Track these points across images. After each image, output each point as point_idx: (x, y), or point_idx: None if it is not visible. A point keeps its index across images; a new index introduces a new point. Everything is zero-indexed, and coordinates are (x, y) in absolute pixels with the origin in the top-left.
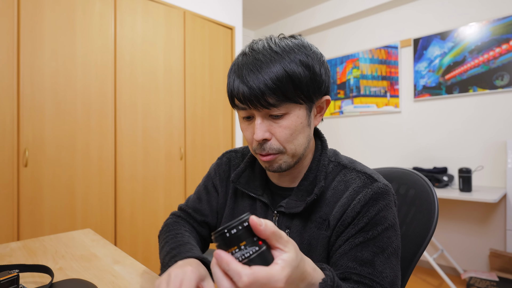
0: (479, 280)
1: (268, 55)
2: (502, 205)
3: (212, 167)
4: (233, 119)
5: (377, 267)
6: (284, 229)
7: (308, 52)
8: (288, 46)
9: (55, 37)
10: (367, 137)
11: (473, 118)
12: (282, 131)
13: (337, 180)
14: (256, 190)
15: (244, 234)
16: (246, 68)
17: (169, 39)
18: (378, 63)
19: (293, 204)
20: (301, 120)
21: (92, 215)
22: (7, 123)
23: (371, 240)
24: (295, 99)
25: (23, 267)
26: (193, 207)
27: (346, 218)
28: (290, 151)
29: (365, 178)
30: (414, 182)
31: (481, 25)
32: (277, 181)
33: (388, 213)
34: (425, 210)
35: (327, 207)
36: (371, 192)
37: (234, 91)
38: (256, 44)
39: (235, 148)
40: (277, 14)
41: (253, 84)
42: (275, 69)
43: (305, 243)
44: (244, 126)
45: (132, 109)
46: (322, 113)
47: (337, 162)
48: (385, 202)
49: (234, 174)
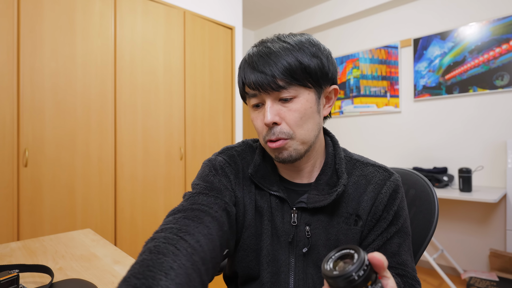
0: (479, 280)
1: (279, 47)
2: (502, 205)
3: (218, 163)
4: (233, 119)
5: (402, 256)
6: (303, 226)
7: (318, 47)
8: (299, 41)
9: (55, 37)
10: (367, 137)
11: (473, 118)
12: (292, 114)
13: (355, 175)
14: (271, 185)
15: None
16: (258, 57)
17: (169, 39)
18: (378, 63)
19: (316, 198)
20: (310, 104)
21: (92, 215)
22: (7, 123)
23: (397, 232)
24: (303, 82)
25: (23, 267)
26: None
27: (376, 211)
28: (300, 137)
29: (383, 171)
30: (414, 183)
31: (481, 25)
32: (290, 177)
33: (404, 204)
34: (425, 210)
35: (353, 201)
36: (393, 185)
37: (246, 79)
38: (267, 42)
39: (230, 146)
40: (277, 14)
41: (265, 70)
42: (288, 58)
43: (332, 238)
44: (254, 115)
45: (132, 109)
46: (330, 103)
47: (349, 157)
48: (402, 193)
49: (252, 166)
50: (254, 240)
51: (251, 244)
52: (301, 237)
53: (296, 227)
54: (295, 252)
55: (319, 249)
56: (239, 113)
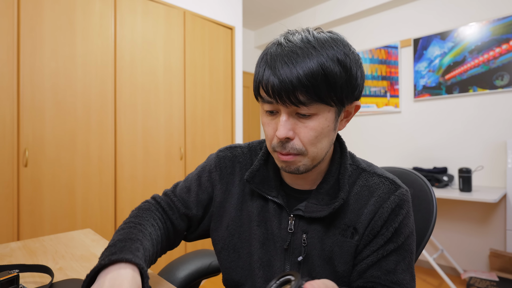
0: (479, 280)
1: (305, 48)
2: (502, 205)
3: (212, 159)
4: (233, 119)
5: (399, 275)
6: (300, 233)
7: (347, 51)
8: (326, 41)
9: (55, 37)
10: (367, 137)
11: (473, 118)
12: (308, 132)
13: (359, 185)
14: (270, 191)
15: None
16: (280, 60)
17: (169, 39)
18: (378, 63)
19: (314, 208)
20: (328, 123)
21: (92, 215)
22: (7, 123)
23: (396, 250)
24: (326, 100)
25: (23, 267)
26: (180, 196)
27: (374, 226)
28: (312, 154)
29: (389, 183)
30: (413, 182)
31: (481, 25)
32: (292, 183)
33: (409, 220)
34: (424, 210)
35: (352, 213)
36: (397, 200)
37: (263, 82)
38: (292, 36)
39: (239, 144)
40: (277, 14)
41: (286, 77)
42: (311, 64)
43: (327, 249)
44: (266, 120)
45: (132, 109)
46: (349, 118)
47: (356, 165)
48: (407, 209)
49: (249, 172)
50: (239, 242)
51: (231, 244)
52: (297, 244)
53: (293, 234)
54: (290, 260)
55: (314, 259)
56: (239, 113)
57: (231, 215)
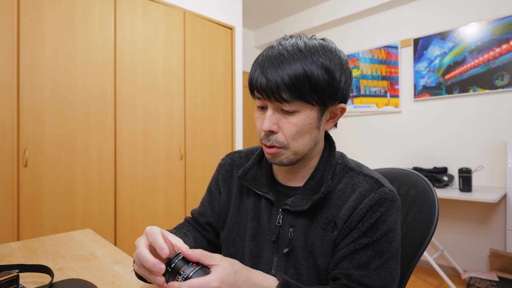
0: (479, 280)
1: (292, 52)
2: (502, 205)
3: (216, 169)
4: (233, 119)
5: (370, 270)
6: (288, 227)
7: (332, 57)
8: (314, 47)
9: (55, 37)
10: (367, 137)
11: (473, 118)
12: (290, 127)
13: (344, 182)
14: (262, 187)
15: (180, 263)
16: (268, 61)
17: (169, 39)
18: (378, 63)
19: (299, 202)
20: (310, 120)
21: (92, 215)
22: (7, 123)
23: (370, 244)
24: (308, 99)
25: (23, 267)
26: (199, 210)
27: (351, 222)
28: (293, 149)
29: (372, 182)
30: (415, 183)
31: (481, 25)
32: (284, 180)
33: (389, 218)
34: (426, 211)
35: (334, 208)
36: (377, 197)
37: (253, 81)
38: (285, 40)
39: (239, 150)
40: (277, 14)
41: (271, 77)
42: (295, 67)
43: (309, 242)
44: (257, 115)
45: (132, 109)
46: (335, 119)
47: (344, 164)
48: (387, 207)
49: (242, 170)
50: (238, 237)
51: (230, 239)
52: (284, 237)
53: (281, 227)
54: (278, 252)
55: (298, 251)
56: (239, 113)
57: (231, 212)
